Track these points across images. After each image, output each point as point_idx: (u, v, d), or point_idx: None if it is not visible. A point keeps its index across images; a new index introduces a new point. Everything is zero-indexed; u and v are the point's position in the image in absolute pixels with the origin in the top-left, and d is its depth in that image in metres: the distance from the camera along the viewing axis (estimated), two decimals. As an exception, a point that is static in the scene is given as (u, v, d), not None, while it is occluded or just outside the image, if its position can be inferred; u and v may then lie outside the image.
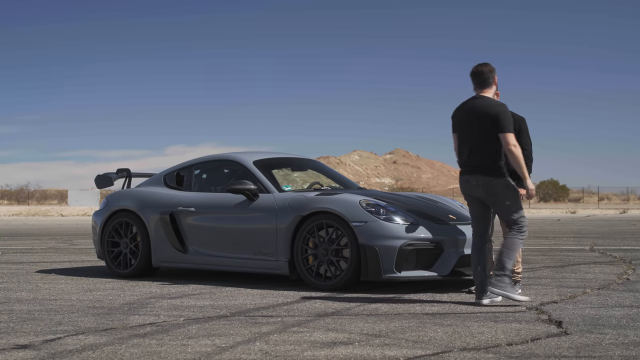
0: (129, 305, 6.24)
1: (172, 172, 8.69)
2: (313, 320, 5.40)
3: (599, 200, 71.38)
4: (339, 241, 7.04)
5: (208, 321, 5.39)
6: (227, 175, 8.41)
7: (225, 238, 7.84)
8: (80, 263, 10.37)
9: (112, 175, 9.35)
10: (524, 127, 6.89)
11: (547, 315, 5.54)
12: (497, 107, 6.08)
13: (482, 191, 6.16)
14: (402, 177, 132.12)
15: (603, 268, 9.11)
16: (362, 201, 7.06)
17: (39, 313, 5.80)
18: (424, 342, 4.57)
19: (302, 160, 8.97)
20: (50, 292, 7.14)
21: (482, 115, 6.11)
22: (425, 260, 6.95)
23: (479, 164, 6.14)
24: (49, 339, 4.71)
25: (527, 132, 6.89)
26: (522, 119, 6.92)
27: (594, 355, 4.18)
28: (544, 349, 4.35)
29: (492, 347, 4.41)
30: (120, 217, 8.56)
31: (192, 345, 4.53)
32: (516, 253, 6.11)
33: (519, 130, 6.86)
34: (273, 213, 7.47)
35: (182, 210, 8.17)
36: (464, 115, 6.26)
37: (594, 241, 14.78)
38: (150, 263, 8.32)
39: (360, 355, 4.22)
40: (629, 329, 5.00)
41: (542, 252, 11.97)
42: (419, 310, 5.88)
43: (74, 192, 60.84)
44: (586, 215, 41.05)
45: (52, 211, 46.29)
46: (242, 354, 4.27)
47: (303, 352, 4.31)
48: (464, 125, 6.24)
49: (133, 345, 4.54)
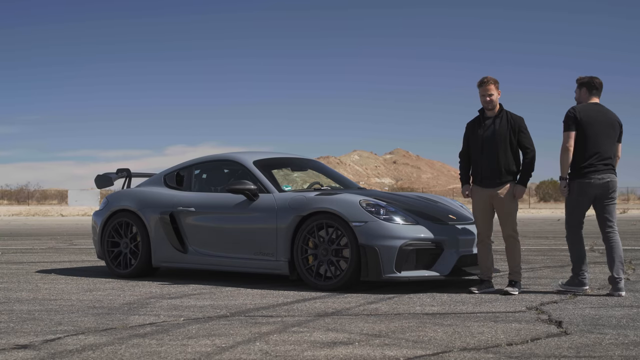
0: (129, 305, 6.24)
1: (172, 172, 8.69)
2: (313, 320, 5.40)
3: (599, 200, 71.22)
4: (339, 241, 7.04)
5: (208, 321, 5.39)
6: (227, 175, 8.41)
7: (225, 238, 7.84)
8: (80, 263, 10.37)
9: (112, 175, 9.35)
10: (524, 126, 6.91)
11: (547, 315, 5.55)
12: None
13: (608, 187, 6.77)
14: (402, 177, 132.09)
15: (603, 268, 9.11)
16: (362, 201, 7.06)
17: (39, 313, 5.80)
18: (424, 342, 4.57)
19: (302, 160, 8.97)
20: (50, 292, 7.14)
21: (615, 123, 6.85)
22: (425, 260, 6.95)
23: (611, 164, 6.81)
24: (49, 339, 4.72)
25: (527, 132, 6.91)
26: (521, 119, 6.94)
27: (594, 355, 4.18)
28: (544, 349, 4.35)
29: (492, 347, 4.41)
30: (120, 217, 8.56)
31: (192, 345, 4.53)
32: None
33: (518, 130, 6.87)
34: (273, 213, 7.47)
35: (182, 210, 8.17)
36: (602, 118, 6.75)
37: (594, 241, 14.76)
38: (150, 263, 8.32)
39: (360, 355, 4.22)
40: (629, 329, 5.00)
41: (542, 252, 11.97)
42: (419, 310, 5.88)
43: (74, 192, 60.80)
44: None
45: (52, 211, 46.28)
46: (242, 354, 4.27)
47: (303, 352, 4.31)
48: (602, 128, 6.74)
49: (133, 345, 4.54)
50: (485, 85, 6.91)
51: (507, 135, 6.84)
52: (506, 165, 6.84)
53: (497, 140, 6.85)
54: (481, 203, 6.95)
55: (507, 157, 6.85)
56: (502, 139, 6.84)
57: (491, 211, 6.96)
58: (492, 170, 6.87)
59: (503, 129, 6.85)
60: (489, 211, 6.96)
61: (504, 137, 6.84)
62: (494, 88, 6.89)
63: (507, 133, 6.84)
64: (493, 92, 6.88)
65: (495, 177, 6.87)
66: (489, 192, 6.90)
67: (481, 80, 6.96)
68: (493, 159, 6.87)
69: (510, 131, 6.84)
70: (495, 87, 6.92)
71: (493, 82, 6.91)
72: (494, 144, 6.86)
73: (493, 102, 6.89)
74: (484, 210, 6.95)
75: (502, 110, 6.94)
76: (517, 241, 6.90)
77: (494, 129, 6.88)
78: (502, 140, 6.84)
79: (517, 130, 6.86)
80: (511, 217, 6.86)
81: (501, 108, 6.96)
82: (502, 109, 6.95)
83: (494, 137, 6.87)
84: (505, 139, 6.84)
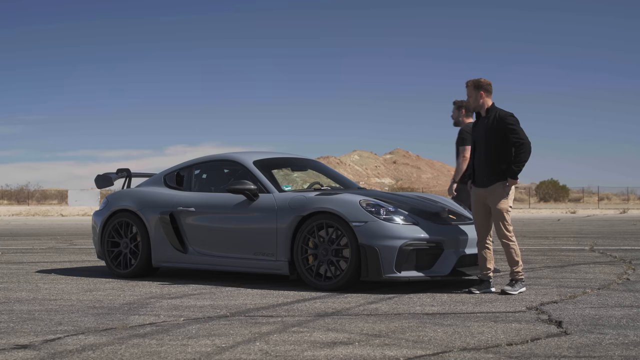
0: (129, 305, 6.24)
1: (172, 172, 8.69)
2: (313, 320, 5.40)
3: (599, 200, 71.35)
4: (339, 241, 7.04)
5: (208, 321, 5.39)
6: (227, 175, 8.41)
7: (225, 238, 7.84)
8: (80, 263, 10.37)
9: (112, 175, 9.35)
10: (511, 121, 6.92)
11: (547, 315, 5.55)
12: None
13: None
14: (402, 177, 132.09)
15: (603, 268, 9.11)
16: (362, 201, 7.06)
17: (39, 313, 5.80)
18: (424, 342, 4.57)
19: (302, 160, 8.97)
20: (50, 292, 7.14)
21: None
22: (425, 260, 6.95)
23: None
24: (49, 339, 4.72)
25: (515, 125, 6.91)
26: (507, 115, 6.93)
27: (594, 355, 4.18)
28: (544, 349, 4.35)
29: (492, 347, 4.41)
30: (120, 217, 8.56)
31: (192, 345, 4.53)
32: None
33: (505, 126, 6.87)
34: (273, 213, 7.47)
35: (182, 210, 8.17)
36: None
37: (594, 241, 14.78)
38: (150, 263, 8.32)
39: (360, 355, 4.22)
40: (629, 329, 5.00)
41: (542, 252, 11.97)
42: (419, 310, 5.88)
43: (74, 192, 60.80)
44: (586, 215, 41.05)
45: (52, 211, 46.28)
46: (242, 354, 4.27)
47: (303, 352, 4.31)
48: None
49: (133, 345, 4.54)
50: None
51: (493, 134, 6.84)
52: (494, 164, 6.84)
53: (485, 139, 6.90)
54: (476, 202, 6.98)
55: (495, 156, 6.84)
56: (489, 138, 6.87)
57: (486, 210, 6.96)
58: (481, 170, 6.92)
59: (490, 129, 6.88)
60: (484, 211, 6.96)
61: (490, 137, 6.86)
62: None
63: (493, 132, 6.85)
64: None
65: (484, 176, 6.90)
66: (482, 192, 6.93)
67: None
68: (481, 158, 6.92)
69: (497, 130, 6.84)
70: (474, 89, 6.96)
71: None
72: (483, 144, 6.92)
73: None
74: (479, 210, 6.96)
75: (492, 110, 6.95)
76: (510, 241, 6.81)
77: (483, 129, 6.93)
78: (488, 139, 6.87)
79: (504, 127, 6.83)
80: (500, 217, 6.83)
81: (491, 108, 6.96)
82: (492, 109, 6.95)
83: (483, 136, 6.92)
84: (490, 138, 6.85)
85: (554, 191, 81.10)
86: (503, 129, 6.81)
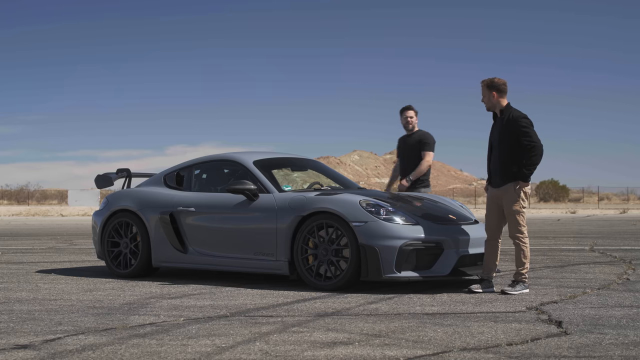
0: (129, 305, 6.24)
1: (172, 172, 8.69)
2: (313, 320, 5.40)
3: (599, 200, 71.36)
4: (339, 241, 7.04)
5: (208, 321, 5.39)
6: (227, 175, 8.40)
7: (225, 238, 7.83)
8: (80, 263, 10.37)
9: (112, 175, 9.35)
10: (523, 123, 6.94)
11: (547, 315, 5.55)
12: None
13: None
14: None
15: (603, 268, 9.11)
16: (362, 201, 7.06)
17: (39, 313, 5.80)
18: (424, 342, 4.57)
19: (302, 160, 8.97)
20: (50, 292, 7.14)
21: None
22: (425, 260, 6.95)
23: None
24: (49, 339, 4.72)
25: (528, 127, 6.93)
26: (521, 117, 6.96)
27: (594, 355, 4.18)
28: (544, 349, 4.35)
29: (492, 347, 4.41)
30: (120, 217, 8.56)
31: (192, 345, 4.53)
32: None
33: (517, 128, 6.88)
34: (273, 213, 7.47)
35: (182, 210, 8.17)
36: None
37: (594, 241, 14.78)
38: (150, 263, 8.32)
39: (360, 355, 4.22)
40: (629, 329, 5.00)
41: (542, 252, 11.97)
42: (419, 310, 5.88)
43: (74, 192, 60.82)
44: (586, 215, 41.05)
45: (52, 211, 46.29)
46: (242, 354, 4.27)
47: (303, 352, 4.31)
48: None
49: (133, 345, 4.54)
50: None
51: (507, 135, 6.85)
52: (507, 165, 6.85)
53: (499, 140, 6.90)
54: (490, 202, 7.03)
55: (508, 157, 6.85)
56: (502, 139, 6.88)
57: (499, 211, 6.97)
58: (495, 170, 6.95)
59: (503, 130, 6.88)
60: (497, 211, 6.97)
61: (503, 138, 6.87)
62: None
63: (507, 133, 6.85)
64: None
65: (497, 177, 6.91)
66: (496, 192, 6.95)
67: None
68: (496, 159, 6.94)
69: (510, 131, 6.85)
70: (487, 89, 6.96)
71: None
72: (496, 145, 6.93)
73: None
74: (493, 209, 6.99)
75: (506, 111, 6.94)
76: (522, 242, 6.86)
77: (498, 130, 6.93)
78: (502, 140, 6.88)
79: (516, 129, 6.85)
80: (513, 218, 6.85)
81: (505, 108, 6.95)
82: (507, 109, 6.94)
83: (497, 137, 6.93)
84: (504, 139, 6.86)
85: (554, 191, 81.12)
86: (515, 131, 6.80)
